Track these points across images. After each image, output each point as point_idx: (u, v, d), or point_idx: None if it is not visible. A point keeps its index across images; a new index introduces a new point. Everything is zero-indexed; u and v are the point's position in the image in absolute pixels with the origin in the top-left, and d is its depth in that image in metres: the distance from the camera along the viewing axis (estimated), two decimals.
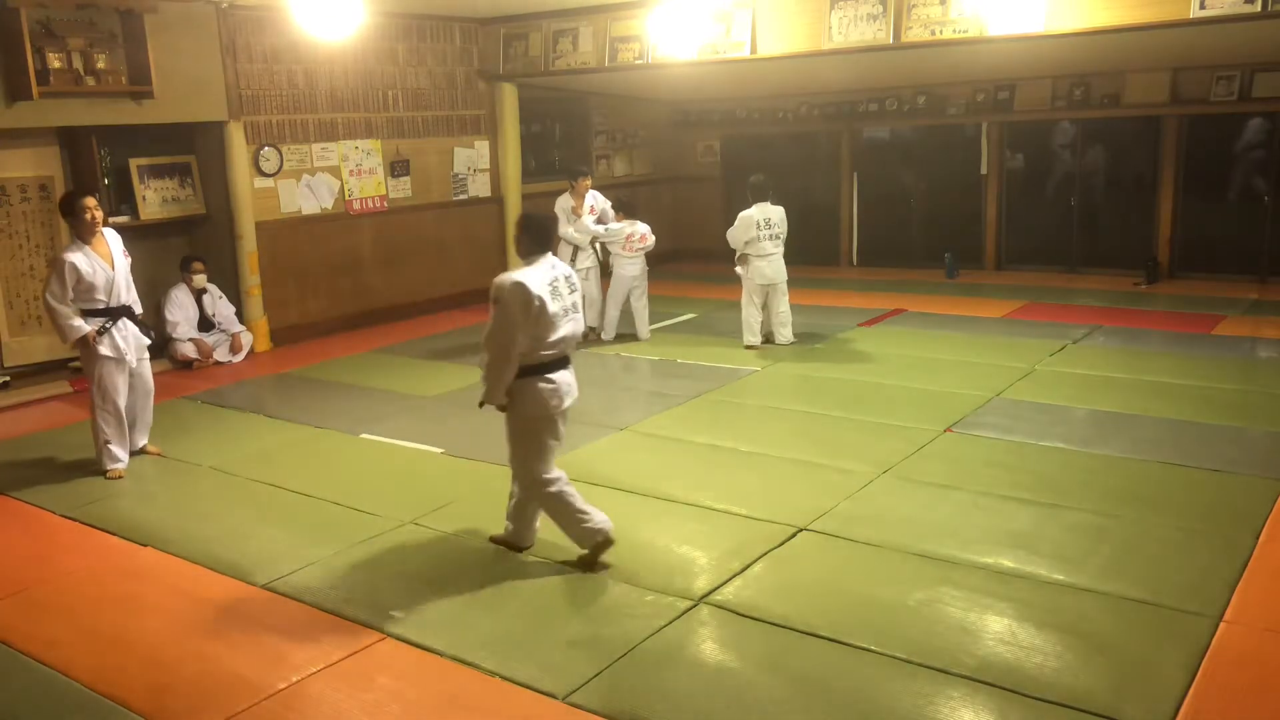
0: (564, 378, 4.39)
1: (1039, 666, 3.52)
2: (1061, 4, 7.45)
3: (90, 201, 5.75)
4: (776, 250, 8.31)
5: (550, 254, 4.39)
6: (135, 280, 6.11)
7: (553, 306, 4.23)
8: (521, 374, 4.26)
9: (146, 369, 6.13)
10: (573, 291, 4.41)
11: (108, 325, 5.78)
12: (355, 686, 3.59)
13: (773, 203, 8.37)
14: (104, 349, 5.78)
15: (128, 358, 5.87)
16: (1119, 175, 11.47)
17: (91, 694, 3.62)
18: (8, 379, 7.90)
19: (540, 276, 4.25)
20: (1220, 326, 8.57)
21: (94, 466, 5.96)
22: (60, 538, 5.10)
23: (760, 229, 8.26)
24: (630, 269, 8.88)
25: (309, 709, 3.47)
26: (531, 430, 4.38)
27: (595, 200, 8.96)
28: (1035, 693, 3.37)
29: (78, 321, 5.69)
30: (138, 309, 6.06)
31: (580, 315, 4.47)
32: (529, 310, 4.16)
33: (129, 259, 5.99)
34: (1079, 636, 3.70)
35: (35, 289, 8.06)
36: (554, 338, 4.26)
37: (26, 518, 5.38)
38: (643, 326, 9.01)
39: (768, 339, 8.54)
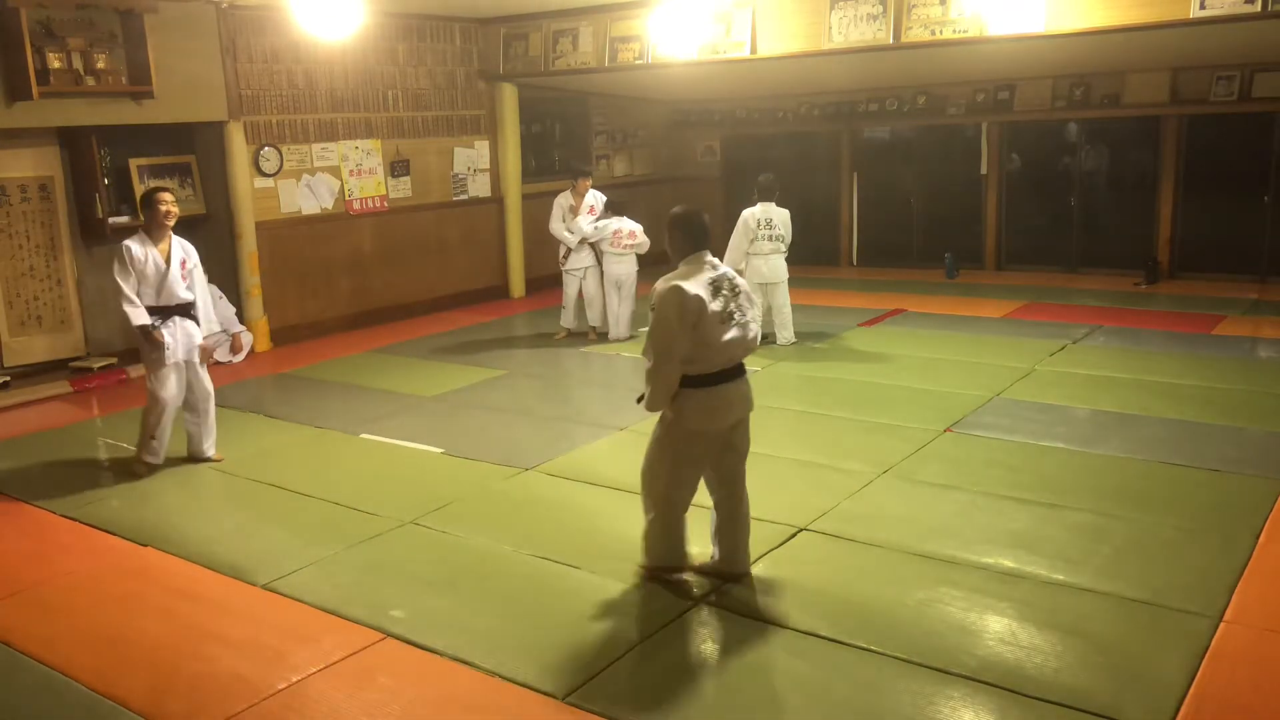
0: (729, 390, 4.06)
1: (1039, 666, 3.52)
2: (1061, 4, 7.45)
3: (168, 196, 5.76)
4: (773, 250, 8.30)
5: (708, 252, 4.09)
6: None
7: (713, 307, 3.93)
8: (683, 384, 3.98)
9: (201, 371, 5.98)
10: (736, 294, 4.05)
11: (157, 324, 5.75)
12: (355, 686, 3.58)
13: (778, 205, 8.37)
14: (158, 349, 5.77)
15: (175, 354, 5.79)
16: (1119, 175, 11.47)
17: (91, 694, 3.61)
18: (8, 379, 7.90)
19: (699, 277, 3.98)
20: (1220, 326, 8.57)
21: (94, 466, 5.98)
22: (60, 538, 5.10)
23: (760, 228, 8.25)
24: (618, 267, 8.84)
25: (309, 709, 3.46)
26: (679, 443, 4.07)
27: (595, 200, 8.97)
28: (1035, 693, 3.37)
29: (140, 310, 5.66)
30: (206, 316, 5.96)
31: (749, 321, 4.07)
32: (686, 315, 3.89)
33: (187, 266, 5.86)
34: (1079, 636, 3.70)
35: (35, 289, 8.07)
36: (719, 344, 3.96)
37: (26, 518, 5.38)
38: (617, 327, 8.97)
39: (767, 339, 8.53)
